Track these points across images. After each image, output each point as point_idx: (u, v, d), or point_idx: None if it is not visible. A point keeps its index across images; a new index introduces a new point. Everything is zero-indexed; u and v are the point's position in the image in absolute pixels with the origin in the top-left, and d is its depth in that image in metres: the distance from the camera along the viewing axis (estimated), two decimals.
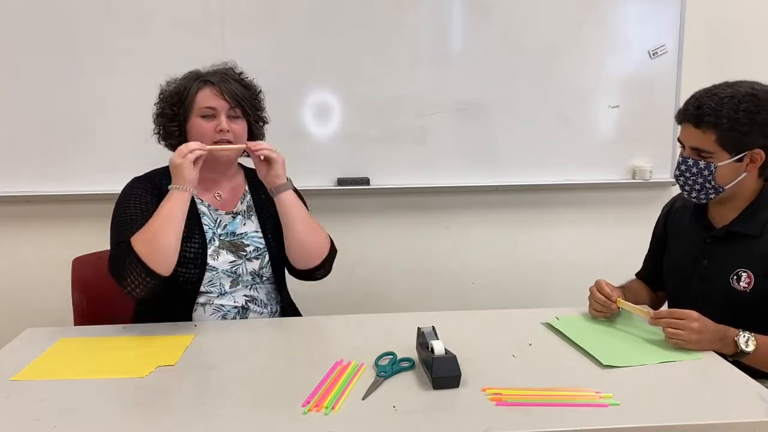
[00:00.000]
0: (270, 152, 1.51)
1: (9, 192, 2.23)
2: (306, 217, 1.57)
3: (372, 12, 2.27)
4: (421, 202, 2.49)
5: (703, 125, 1.36)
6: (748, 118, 1.32)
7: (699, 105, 1.36)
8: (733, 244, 1.44)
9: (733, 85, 1.37)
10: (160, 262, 1.38)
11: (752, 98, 1.33)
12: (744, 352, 1.29)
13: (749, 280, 1.40)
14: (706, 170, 1.39)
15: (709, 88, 1.39)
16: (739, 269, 1.41)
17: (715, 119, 1.34)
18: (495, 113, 2.38)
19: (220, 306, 1.56)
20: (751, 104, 1.33)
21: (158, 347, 1.35)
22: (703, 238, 1.50)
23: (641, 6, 2.36)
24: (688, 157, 1.41)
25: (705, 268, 1.49)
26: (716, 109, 1.33)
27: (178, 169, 1.44)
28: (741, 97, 1.33)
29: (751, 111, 1.32)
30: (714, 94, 1.36)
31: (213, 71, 1.58)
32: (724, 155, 1.37)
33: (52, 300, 2.19)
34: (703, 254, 1.49)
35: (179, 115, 1.55)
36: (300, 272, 1.62)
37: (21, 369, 1.24)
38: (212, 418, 1.05)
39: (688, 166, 1.41)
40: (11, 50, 2.15)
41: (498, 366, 1.25)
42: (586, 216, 2.57)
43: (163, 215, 1.42)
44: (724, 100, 1.34)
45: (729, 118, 1.33)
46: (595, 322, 1.50)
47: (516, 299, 2.57)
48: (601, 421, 1.03)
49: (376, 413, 1.06)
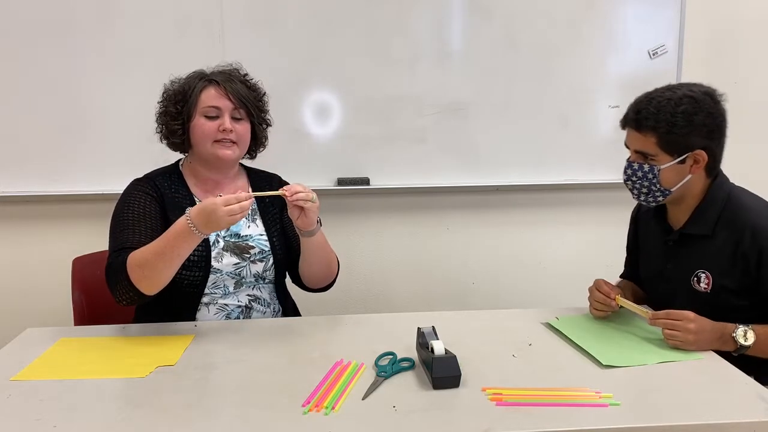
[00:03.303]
0: (305, 201, 1.41)
1: (9, 192, 2.23)
2: (326, 251, 1.59)
3: (372, 12, 2.27)
4: (420, 202, 2.49)
5: (644, 129, 1.38)
6: (686, 120, 1.34)
7: (638, 110, 1.39)
8: (689, 246, 1.46)
9: (671, 89, 1.39)
10: (149, 289, 1.37)
11: (689, 100, 1.35)
12: (744, 347, 1.29)
13: (708, 280, 1.42)
14: (651, 173, 1.40)
15: (649, 93, 1.42)
16: (698, 270, 1.43)
17: (654, 122, 1.36)
18: (495, 113, 2.38)
19: (224, 305, 1.56)
20: (688, 106, 1.34)
21: (158, 347, 1.35)
22: (664, 241, 1.52)
23: (641, 6, 2.36)
24: (633, 161, 1.43)
25: (669, 271, 1.51)
26: (654, 113, 1.36)
27: (217, 223, 1.31)
28: (678, 99, 1.35)
29: (688, 113, 1.34)
30: (652, 98, 1.39)
31: (218, 71, 1.58)
32: (666, 158, 1.38)
33: (52, 300, 2.20)
34: (666, 257, 1.51)
35: (183, 113, 1.54)
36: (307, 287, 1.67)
37: (21, 369, 1.23)
38: (212, 418, 1.05)
39: (633, 170, 1.43)
40: (11, 50, 2.15)
41: (498, 366, 1.25)
42: (586, 216, 2.57)
43: (171, 254, 1.34)
44: (662, 103, 1.36)
45: (667, 121, 1.35)
46: (595, 322, 1.50)
47: (516, 299, 2.57)
48: (601, 421, 1.03)
49: (376, 413, 1.06)
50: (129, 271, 1.35)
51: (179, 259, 1.36)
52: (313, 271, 1.61)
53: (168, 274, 1.37)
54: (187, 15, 2.19)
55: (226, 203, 1.29)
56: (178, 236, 1.34)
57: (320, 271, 1.61)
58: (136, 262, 1.36)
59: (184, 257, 1.37)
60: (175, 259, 1.36)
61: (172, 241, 1.34)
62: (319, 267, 1.60)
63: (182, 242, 1.34)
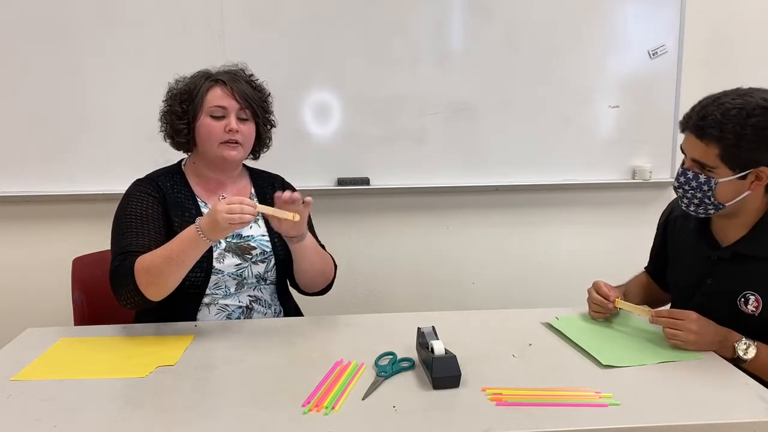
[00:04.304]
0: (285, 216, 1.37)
1: (9, 192, 2.24)
2: (318, 255, 1.58)
3: (372, 12, 2.27)
4: (420, 202, 2.49)
5: (706, 138, 1.24)
6: (756, 135, 1.20)
7: (704, 115, 1.25)
8: (740, 265, 1.34)
9: (743, 95, 1.24)
10: (155, 294, 1.38)
11: (763, 111, 1.20)
12: (741, 359, 1.26)
13: (757, 303, 1.31)
14: (706, 185, 1.29)
15: (718, 96, 1.27)
16: (746, 291, 1.32)
17: (719, 132, 1.22)
18: (495, 113, 2.38)
19: (225, 306, 1.56)
20: (761, 118, 1.20)
21: (158, 347, 1.35)
22: (708, 256, 1.40)
23: (641, 6, 2.36)
24: (689, 168, 1.32)
25: (709, 286, 1.40)
26: (722, 122, 1.21)
27: (222, 230, 1.31)
28: (750, 110, 1.20)
29: (760, 127, 1.20)
30: (722, 104, 1.23)
31: (224, 71, 1.57)
32: (727, 172, 1.26)
33: (52, 300, 2.19)
34: (708, 272, 1.40)
35: (188, 113, 1.54)
36: (304, 291, 1.67)
37: (21, 369, 1.23)
38: (212, 418, 1.05)
39: (687, 178, 1.31)
40: (11, 50, 2.15)
41: (498, 366, 1.25)
42: (586, 216, 2.57)
43: (178, 260, 1.34)
44: (732, 111, 1.21)
45: (735, 133, 1.21)
46: (595, 323, 1.49)
47: (516, 299, 2.57)
48: (601, 421, 1.03)
49: (376, 413, 1.06)
50: (136, 276, 1.36)
51: (187, 266, 1.37)
52: (307, 276, 1.60)
53: (175, 281, 1.38)
54: (187, 15, 2.19)
55: (228, 204, 1.29)
56: (186, 243, 1.35)
57: (314, 275, 1.60)
58: (144, 267, 1.36)
59: (192, 264, 1.37)
60: (183, 265, 1.36)
61: (180, 247, 1.35)
62: (312, 272, 1.59)
63: (190, 249, 1.35)
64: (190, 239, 1.34)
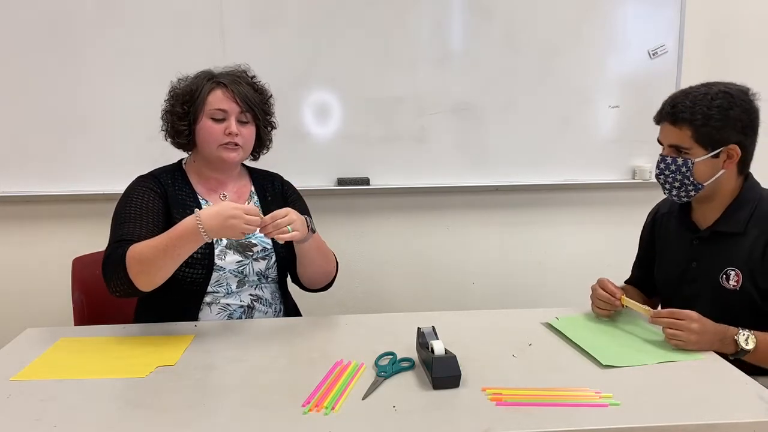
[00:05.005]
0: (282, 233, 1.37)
1: (9, 192, 2.24)
2: (322, 254, 1.58)
3: (372, 12, 2.27)
4: (420, 202, 2.49)
5: (679, 122, 1.40)
6: (722, 114, 1.37)
7: (674, 104, 1.42)
8: (719, 244, 1.46)
9: (707, 85, 1.42)
10: (145, 285, 1.37)
11: (725, 95, 1.38)
12: (744, 351, 1.29)
13: (738, 278, 1.42)
14: (684, 167, 1.42)
15: (684, 89, 1.45)
16: (727, 268, 1.44)
17: (689, 115, 1.38)
18: (495, 113, 2.38)
19: (226, 305, 1.56)
20: (723, 100, 1.37)
21: (158, 347, 1.35)
22: (690, 240, 1.52)
23: (641, 6, 2.36)
24: (667, 155, 1.45)
25: (694, 270, 1.51)
26: (690, 107, 1.39)
27: (233, 230, 1.32)
28: (714, 94, 1.38)
29: (724, 107, 1.37)
30: (688, 93, 1.42)
31: (226, 73, 1.57)
32: (701, 151, 1.40)
33: (52, 300, 2.20)
34: (692, 256, 1.51)
35: (189, 114, 1.54)
36: (306, 288, 1.67)
37: (21, 369, 1.23)
38: (212, 418, 1.05)
39: (666, 164, 1.45)
40: (11, 50, 2.15)
41: (498, 366, 1.25)
42: (586, 216, 2.58)
43: (172, 252, 1.33)
44: (698, 97, 1.39)
45: (703, 114, 1.37)
46: (595, 322, 1.50)
47: (516, 299, 2.57)
48: (601, 421, 1.03)
49: (376, 413, 1.06)
50: (128, 264, 1.35)
51: (180, 259, 1.36)
52: (310, 273, 1.60)
53: (166, 273, 1.37)
54: (187, 15, 2.19)
55: (248, 214, 1.30)
56: (183, 236, 1.33)
57: (318, 272, 1.61)
58: (136, 256, 1.35)
59: (185, 257, 1.37)
60: (176, 258, 1.35)
61: (175, 239, 1.33)
62: (316, 269, 1.59)
63: (186, 242, 1.33)
64: (188, 233, 1.32)
